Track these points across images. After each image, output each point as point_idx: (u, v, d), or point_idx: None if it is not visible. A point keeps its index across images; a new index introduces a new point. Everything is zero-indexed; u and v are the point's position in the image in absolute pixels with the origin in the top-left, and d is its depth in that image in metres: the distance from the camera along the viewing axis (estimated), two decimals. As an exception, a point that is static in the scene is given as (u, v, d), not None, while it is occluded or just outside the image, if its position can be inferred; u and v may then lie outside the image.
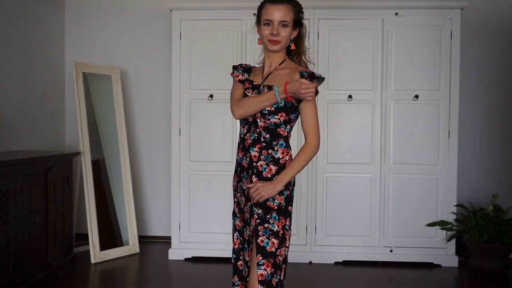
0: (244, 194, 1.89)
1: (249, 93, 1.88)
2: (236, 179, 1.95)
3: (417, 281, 3.24)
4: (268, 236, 1.77)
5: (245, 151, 1.87)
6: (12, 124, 3.36)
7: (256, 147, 1.84)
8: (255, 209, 1.80)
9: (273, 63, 1.91)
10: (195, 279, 3.23)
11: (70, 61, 4.05)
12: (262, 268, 1.74)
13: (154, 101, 4.12)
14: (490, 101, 3.92)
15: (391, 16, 3.46)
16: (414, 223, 3.49)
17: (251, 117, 1.86)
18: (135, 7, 4.09)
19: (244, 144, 1.89)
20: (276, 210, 1.80)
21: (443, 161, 3.47)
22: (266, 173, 1.82)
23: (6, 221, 2.58)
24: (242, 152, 1.90)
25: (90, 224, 3.53)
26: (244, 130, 1.91)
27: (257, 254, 1.76)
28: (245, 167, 1.87)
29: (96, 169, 3.73)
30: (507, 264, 3.27)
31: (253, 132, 1.85)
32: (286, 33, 1.85)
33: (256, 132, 1.84)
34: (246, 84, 1.91)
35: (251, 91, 1.89)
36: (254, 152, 1.84)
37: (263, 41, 1.89)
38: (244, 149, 1.88)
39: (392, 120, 3.49)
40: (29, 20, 3.61)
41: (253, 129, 1.85)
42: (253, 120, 1.86)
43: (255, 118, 1.85)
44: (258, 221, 1.79)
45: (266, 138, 1.83)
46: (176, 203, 3.58)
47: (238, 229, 1.96)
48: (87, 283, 3.22)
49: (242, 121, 1.92)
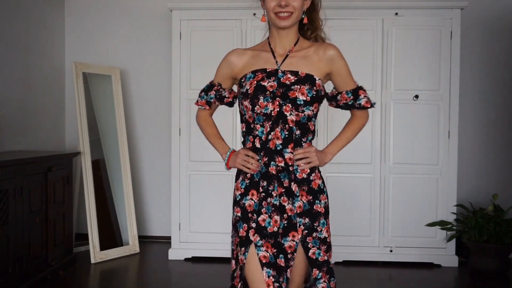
0: (279, 210, 1.56)
1: (264, 82, 1.54)
2: (255, 196, 1.58)
3: (417, 281, 3.24)
4: (318, 246, 1.57)
5: (272, 155, 1.55)
6: (12, 124, 3.36)
7: (289, 148, 1.54)
8: (301, 219, 1.56)
9: (286, 44, 1.61)
10: (195, 279, 3.23)
11: (70, 61, 4.05)
12: (321, 282, 1.57)
13: (154, 101, 4.12)
14: (490, 101, 3.91)
15: (391, 16, 3.46)
16: (414, 223, 3.49)
17: (275, 110, 1.53)
18: (135, 7, 4.09)
19: (267, 146, 1.55)
20: (324, 213, 1.59)
21: (443, 161, 3.47)
22: (300, 174, 1.57)
23: (6, 221, 2.57)
24: (265, 157, 1.56)
25: (90, 224, 3.53)
26: (265, 128, 1.55)
27: (312, 269, 1.57)
28: (274, 174, 1.56)
29: (96, 169, 3.73)
30: (507, 264, 3.27)
31: (282, 130, 1.53)
32: (298, 2, 1.51)
33: (286, 128, 1.54)
34: (258, 75, 1.57)
35: (267, 79, 1.54)
36: (289, 154, 1.54)
37: (269, 16, 1.56)
38: (270, 152, 1.55)
39: (392, 120, 3.49)
40: (29, 20, 3.61)
41: (281, 125, 1.53)
42: (279, 114, 1.53)
43: (281, 111, 1.52)
44: (306, 231, 1.56)
45: (297, 135, 1.55)
46: (176, 203, 3.58)
47: (267, 261, 1.52)
48: (87, 283, 3.22)
49: (259, 118, 1.55)
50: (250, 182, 1.59)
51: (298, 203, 1.57)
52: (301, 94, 1.52)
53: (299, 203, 1.57)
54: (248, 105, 1.55)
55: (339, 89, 1.65)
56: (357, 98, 1.64)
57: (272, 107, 1.53)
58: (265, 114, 1.54)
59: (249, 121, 1.60)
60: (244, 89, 1.57)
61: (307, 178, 1.58)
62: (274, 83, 1.54)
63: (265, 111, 1.54)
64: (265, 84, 1.54)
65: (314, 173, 1.60)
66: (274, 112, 1.53)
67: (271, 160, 1.55)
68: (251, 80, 1.56)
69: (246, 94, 1.56)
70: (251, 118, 1.58)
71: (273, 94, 1.53)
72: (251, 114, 1.57)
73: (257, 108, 1.54)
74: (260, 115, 1.54)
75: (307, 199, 1.57)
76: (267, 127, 1.55)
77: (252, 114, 1.56)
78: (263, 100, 1.53)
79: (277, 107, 1.53)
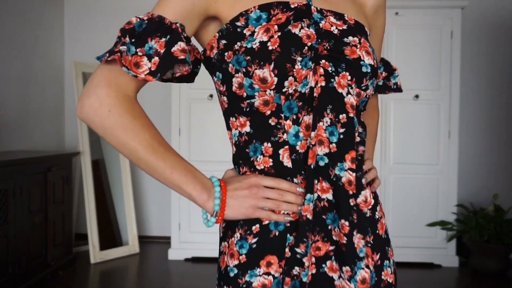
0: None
1: (295, 29, 0.77)
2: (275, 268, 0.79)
3: (417, 281, 3.23)
4: None
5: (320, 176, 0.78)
6: (12, 124, 3.36)
7: (347, 160, 0.79)
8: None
9: None
10: (195, 279, 3.22)
11: (70, 61, 4.05)
12: None
13: (154, 101, 4.11)
14: (491, 101, 3.91)
15: (391, 15, 3.46)
16: (414, 223, 3.48)
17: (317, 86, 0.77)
18: (135, 7, 4.09)
19: (299, 164, 0.79)
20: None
21: (443, 161, 3.47)
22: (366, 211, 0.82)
23: (5, 221, 2.57)
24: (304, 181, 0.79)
25: (89, 224, 3.53)
26: (301, 125, 0.79)
27: None
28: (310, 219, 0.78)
29: (96, 169, 3.73)
30: (507, 264, 3.27)
31: (332, 125, 0.79)
32: None
33: (338, 122, 0.79)
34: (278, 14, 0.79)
35: (298, 23, 0.78)
36: (346, 173, 0.79)
37: None
38: (317, 172, 0.78)
39: (393, 120, 3.48)
40: (28, 20, 3.61)
41: (332, 116, 0.79)
42: (325, 93, 0.78)
43: (331, 88, 0.78)
44: None
45: (361, 133, 0.84)
46: (176, 203, 3.57)
47: None
48: (87, 283, 3.21)
49: (292, 104, 0.79)
50: (263, 240, 0.80)
51: (362, 274, 0.79)
52: (366, 53, 0.81)
53: (363, 273, 0.79)
54: (270, 77, 0.76)
55: None
56: (391, 74, 1.08)
57: (314, 80, 0.78)
58: (302, 95, 0.78)
59: (262, 113, 0.80)
60: (256, 43, 0.77)
61: (372, 216, 0.83)
62: (311, 31, 0.79)
63: (302, 88, 0.78)
64: (297, 33, 0.78)
65: (377, 203, 0.87)
66: (317, 90, 0.78)
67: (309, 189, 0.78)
68: (266, 25, 0.78)
69: (266, 53, 0.76)
70: (268, 107, 0.79)
71: (315, 52, 0.78)
72: (273, 97, 0.79)
73: (290, 81, 0.77)
74: (294, 98, 0.78)
75: (373, 262, 0.82)
76: (304, 122, 0.79)
77: (276, 96, 0.78)
78: (301, 65, 0.77)
79: (322, 81, 0.78)
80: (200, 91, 3.50)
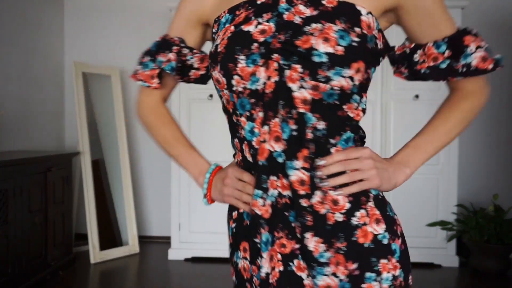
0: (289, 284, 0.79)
1: (248, 26, 0.78)
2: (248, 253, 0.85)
3: (417, 281, 3.23)
4: None
5: (267, 175, 0.79)
6: (12, 124, 3.36)
7: (299, 159, 0.77)
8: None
9: None
10: (195, 279, 3.22)
11: (70, 61, 4.05)
12: None
13: (154, 101, 4.11)
14: (491, 101, 3.89)
15: (391, 15, 3.45)
16: (414, 223, 3.48)
17: (270, 81, 0.76)
18: (135, 6, 4.09)
19: (255, 159, 0.81)
20: None
21: (443, 161, 3.47)
22: (331, 214, 0.77)
23: (5, 221, 2.57)
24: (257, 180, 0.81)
25: (89, 224, 3.53)
26: (256, 121, 0.80)
27: None
28: (268, 217, 0.80)
29: (96, 169, 3.73)
30: (507, 264, 3.26)
31: (284, 121, 0.77)
32: None
33: (291, 118, 0.77)
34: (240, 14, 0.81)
35: (256, 19, 0.79)
36: (298, 170, 0.77)
37: None
38: (264, 170, 0.79)
39: (393, 120, 3.48)
40: (28, 20, 3.61)
41: (284, 112, 0.77)
42: (277, 87, 0.76)
43: (282, 82, 0.76)
44: None
45: (318, 130, 0.77)
46: (176, 203, 3.57)
47: None
48: (87, 283, 3.21)
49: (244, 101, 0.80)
50: (239, 226, 0.88)
51: (326, 281, 0.76)
52: (324, 40, 0.73)
53: (327, 280, 0.76)
54: (220, 78, 0.80)
55: (420, 38, 0.90)
56: (460, 52, 0.84)
57: (266, 76, 0.77)
58: (254, 92, 0.78)
59: (228, 110, 0.85)
60: (213, 47, 0.84)
61: (345, 221, 0.77)
62: (269, 25, 0.77)
63: (252, 85, 0.78)
64: (250, 30, 0.78)
65: (361, 207, 0.79)
66: (268, 86, 0.77)
67: (260, 185, 0.80)
68: (226, 27, 0.82)
69: (215, 55, 0.81)
70: (229, 105, 0.84)
71: (266, 47, 0.77)
72: (229, 96, 0.82)
73: (237, 80, 0.78)
74: (245, 96, 0.79)
75: (347, 271, 0.76)
76: (259, 118, 0.79)
77: (230, 95, 0.81)
78: (246, 63, 0.77)
79: (275, 75, 0.76)
80: (200, 91, 3.50)
